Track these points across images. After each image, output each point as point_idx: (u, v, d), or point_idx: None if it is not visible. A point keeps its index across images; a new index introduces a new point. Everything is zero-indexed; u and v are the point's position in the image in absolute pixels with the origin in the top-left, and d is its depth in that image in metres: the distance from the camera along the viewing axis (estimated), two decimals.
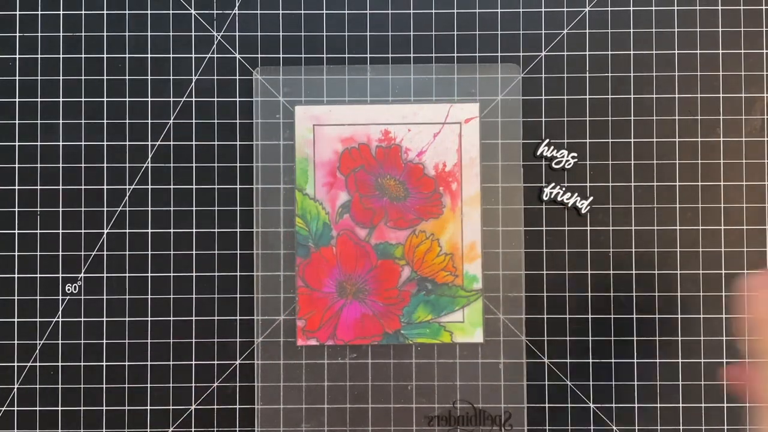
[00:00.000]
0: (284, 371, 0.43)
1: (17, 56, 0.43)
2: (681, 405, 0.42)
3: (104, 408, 0.43)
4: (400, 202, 0.43)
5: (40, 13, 0.43)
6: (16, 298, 0.43)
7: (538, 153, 0.43)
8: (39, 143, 0.43)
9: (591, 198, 0.42)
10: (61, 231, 0.43)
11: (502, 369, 0.43)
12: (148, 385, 0.43)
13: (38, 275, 0.43)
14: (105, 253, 0.43)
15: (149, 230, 0.43)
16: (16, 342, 0.43)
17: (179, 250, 0.43)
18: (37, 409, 0.43)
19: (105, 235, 0.43)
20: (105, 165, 0.43)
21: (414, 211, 0.43)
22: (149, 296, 0.43)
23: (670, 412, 0.42)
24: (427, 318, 0.42)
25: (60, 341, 0.43)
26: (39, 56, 0.43)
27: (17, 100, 0.43)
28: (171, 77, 0.43)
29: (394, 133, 0.43)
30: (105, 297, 0.43)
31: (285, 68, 0.43)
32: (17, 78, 0.43)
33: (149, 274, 0.43)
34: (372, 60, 0.43)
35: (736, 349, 0.42)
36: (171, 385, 0.43)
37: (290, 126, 0.43)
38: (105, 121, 0.43)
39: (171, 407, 0.43)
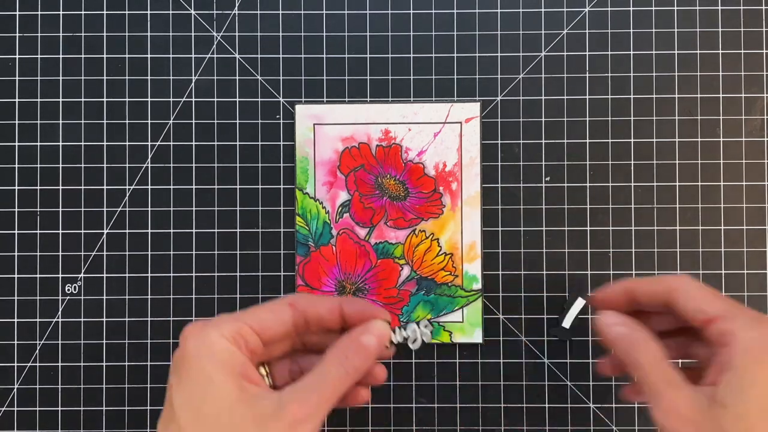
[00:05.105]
0: None
1: (17, 56, 0.43)
2: None
3: (104, 408, 0.43)
4: (400, 201, 0.43)
5: (39, 13, 0.43)
6: (16, 298, 0.43)
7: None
8: (39, 143, 0.43)
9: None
10: (61, 231, 0.43)
11: (501, 369, 0.43)
12: (148, 385, 0.43)
13: (38, 275, 0.43)
14: (105, 253, 0.43)
15: (149, 230, 0.43)
16: (16, 342, 0.43)
17: (179, 250, 0.43)
18: (37, 409, 0.43)
19: (105, 235, 0.43)
20: (105, 165, 0.43)
21: (414, 210, 0.43)
22: (149, 296, 0.43)
23: None
24: (426, 317, 0.42)
25: (60, 341, 0.43)
26: (39, 56, 0.43)
27: (17, 100, 0.43)
28: (171, 77, 0.43)
29: (395, 133, 0.43)
30: (105, 297, 0.43)
31: (285, 68, 0.43)
32: (17, 78, 0.43)
33: (149, 275, 0.43)
34: (372, 60, 0.43)
35: None
36: None
37: (290, 126, 0.43)
38: (105, 121, 0.43)
39: None
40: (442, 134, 0.43)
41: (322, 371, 0.31)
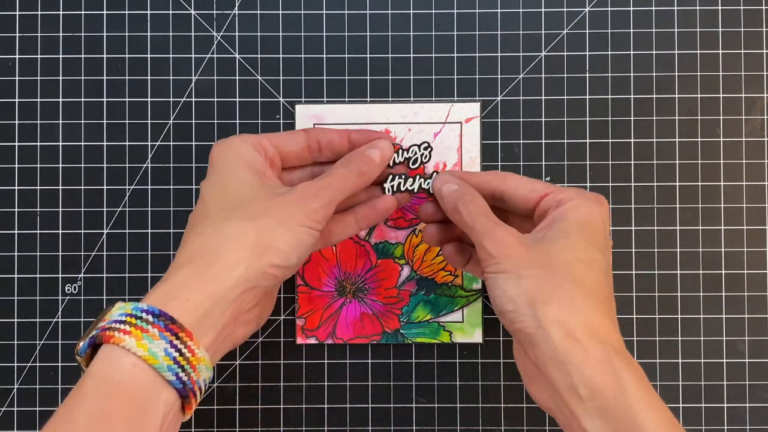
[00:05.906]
0: (284, 371, 0.43)
1: (17, 56, 0.43)
2: (681, 405, 0.42)
3: None
4: None
5: (39, 13, 0.43)
6: (16, 298, 0.43)
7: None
8: (39, 143, 0.43)
9: (434, 174, 0.39)
10: (61, 231, 0.43)
11: (501, 369, 0.43)
12: None
13: (38, 275, 0.43)
14: (105, 253, 0.43)
15: (149, 230, 0.43)
16: (16, 342, 0.43)
17: None
18: (37, 409, 0.43)
19: (105, 235, 0.43)
20: (105, 165, 0.43)
21: (414, 210, 0.43)
22: None
23: None
24: (426, 318, 0.42)
25: (60, 341, 0.43)
26: (39, 56, 0.43)
27: (17, 100, 0.43)
28: (171, 77, 0.43)
29: (395, 133, 0.43)
30: (105, 297, 0.43)
31: (285, 68, 0.43)
32: (17, 78, 0.43)
33: (149, 275, 0.43)
34: (372, 60, 0.43)
35: (736, 349, 0.42)
36: None
37: (290, 126, 0.43)
38: (105, 121, 0.43)
39: None
40: (442, 134, 0.43)
41: (329, 171, 0.36)
